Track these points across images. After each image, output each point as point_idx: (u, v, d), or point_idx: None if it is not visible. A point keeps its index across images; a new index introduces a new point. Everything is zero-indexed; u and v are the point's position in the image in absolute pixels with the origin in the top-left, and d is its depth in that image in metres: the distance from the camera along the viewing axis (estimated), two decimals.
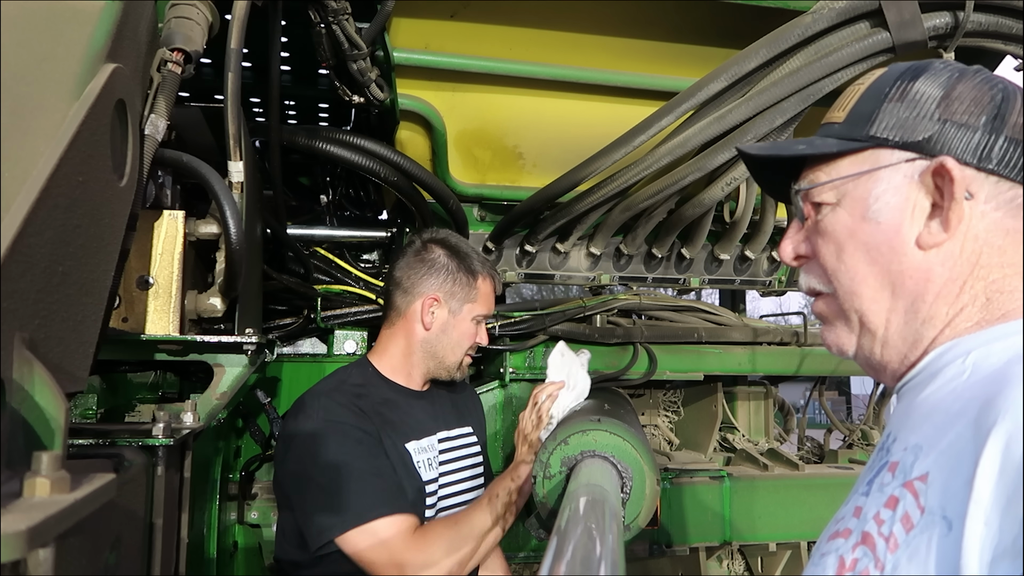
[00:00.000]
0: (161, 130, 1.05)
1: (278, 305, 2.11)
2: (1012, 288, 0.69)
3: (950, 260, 0.70)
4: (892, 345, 0.74)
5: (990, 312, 0.69)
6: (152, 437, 1.04)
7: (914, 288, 0.72)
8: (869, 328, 0.75)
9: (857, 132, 0.75)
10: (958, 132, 0.70)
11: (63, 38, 0.81)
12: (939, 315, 0.71)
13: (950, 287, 0.71)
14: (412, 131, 1.95)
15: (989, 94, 0.71)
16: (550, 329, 2.17)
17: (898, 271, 0.72)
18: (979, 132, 0.70)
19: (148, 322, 1.22)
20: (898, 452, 0.68)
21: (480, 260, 1.66)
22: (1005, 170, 0.69)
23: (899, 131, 0.72)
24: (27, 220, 0.65)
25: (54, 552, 0.54)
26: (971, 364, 0.67)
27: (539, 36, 1.85)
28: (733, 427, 2.51)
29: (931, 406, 0.68)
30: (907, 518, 0.62)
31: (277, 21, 1.56)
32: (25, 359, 0.65)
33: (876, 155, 0.74)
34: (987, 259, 0.70)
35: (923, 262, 0.71)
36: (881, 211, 0.73)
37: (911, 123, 0.72)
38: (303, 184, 2.83)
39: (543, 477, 1.35)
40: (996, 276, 0.70)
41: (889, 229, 0.73)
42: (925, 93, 0.72)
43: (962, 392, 0.65)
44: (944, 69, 0.74)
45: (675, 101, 1.65)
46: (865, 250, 0.74)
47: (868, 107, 0.75)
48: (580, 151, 1.82)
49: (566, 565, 0.82)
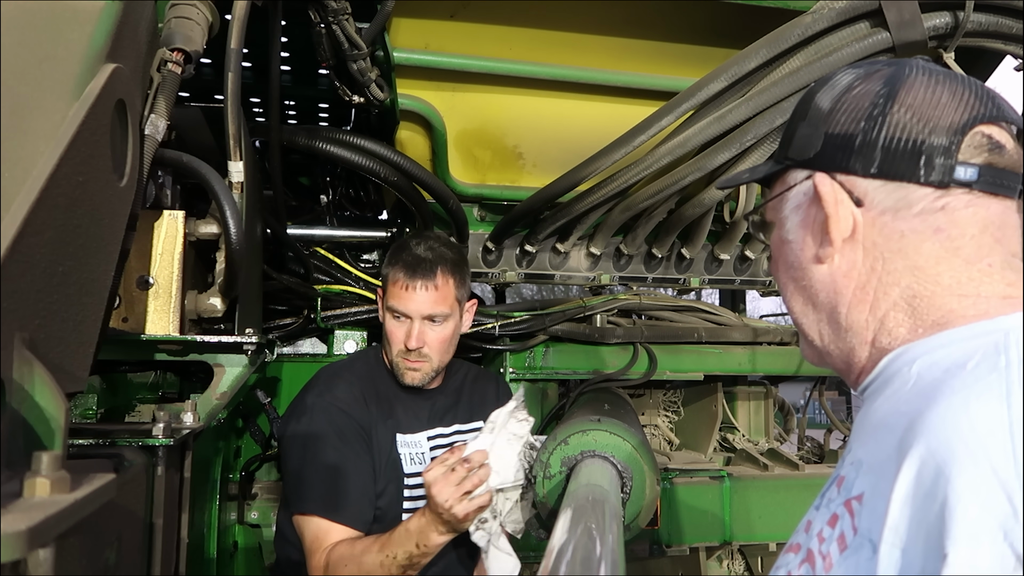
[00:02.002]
0: (161, 130, 1.05)
1: (278, 305, 2.11)
2: (929, 292, 0.66)
3: (853, 270, 0.70)
4: (833, 354, 0.75)
5: (919, 318, 0.67)
6: (152, 437, 1.04)
7: (827, 300, 0.73)
8: (808, 339, 0.77)
9: (780, 154, 0.78)
10: (839, 143, 0.70)
11: (63, 38, 0.81)
12: (859, 323, 0.71)
13: (859, 295, 0.70)
14: (412, 131, 1.95)
15: (871, 97, 0.69)
16: (550, 329, 2.17)
17: (809, 286, 0.74)
18: (858, 138, 0.68)
19: (148, 322, 1.22)
20: (846, 465, 0.66)
21: (408, 250, 1.59)
22: (890, 171, 0.67)
23: (800, 150, 0.74)
24: (27, 220, 0.65)
25: (54, 552, 0.54)
26: (916, 373, 0.64)
27: (539, 36, 1.85)
28: (733, 427, 2.51)
29: (879, 418, 0.66)
30: (842, 538, 0.61)
31: (277, 21, 1.56)
32: (25, 359, 0.65)
33: (788, 176, 0.77)
34: (890, 264, 0.68)
35: (826, 275, 0.72)
36: (791, 230, 0.76)
37: (807, 142, 0.73)
38: (303, 184, 2.83)
39: (543, 477, 1.35)
40: (908, 281, 0.67)
41: (797, 246, 0.75)
42: (818, 108, 0.73)
43: (901, 405, 0.62)
44: (843, 77, 0.73)
45: (675, 101, 1.65)
46: (786, 268, 0.77)
47: (790, 127, 0.77)
48: (580, 151, 1.82)
49: (566, 565, 0.82)
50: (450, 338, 1.61)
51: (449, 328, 1.60)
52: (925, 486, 0.52)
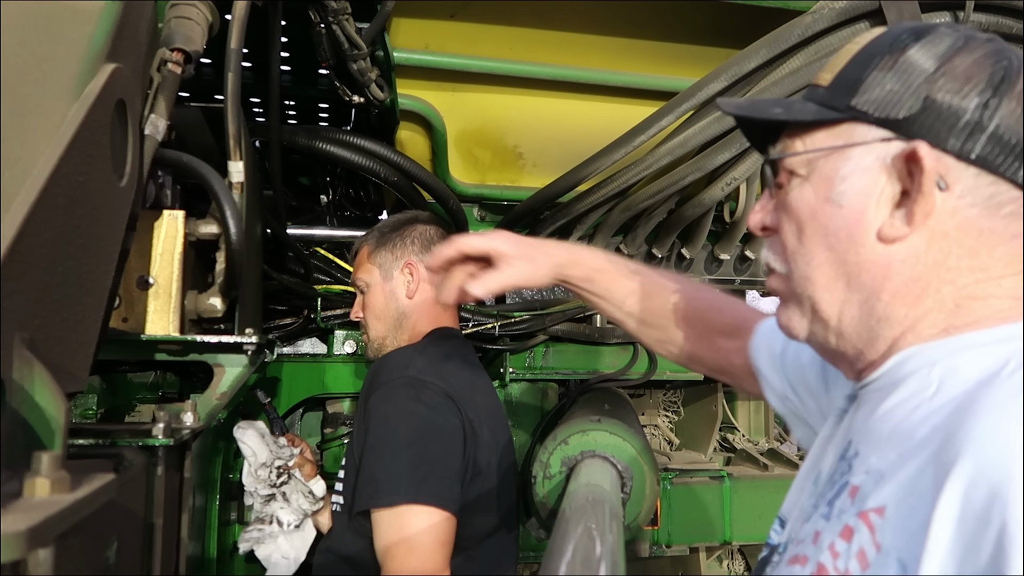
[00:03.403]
0: (161, 130, 1.05)
1: (278, 305, 2.10)
2: (985, 295, 0.61)
3: (913, 257, 0.63)
4: (847, 337, 0.68)
5: (959, 318, 0.62)
6: (152, 437, 1.04)
7: (871, 283, 0.65)
8: (821, 317, 0.69)
9: (839, 101, 0.67)
10: (942, 113, 0.61)
11: (63, 38, 0.81)
12: (896, 316, 0.64)
13: (910, 288, 0.63)
14: (412, 131, 1.95)
15: (988, 70, 0.61)
16: (550, 329, 2.17)
17: (855, 263, 0.65)
18: (967, 115, 0.60)
19: (148, 322, 1.22)
20: (859, 473, 0.62)
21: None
22: (991, 162, 0.60)
23: (880, 106, 0.64)
24: (27, 220, 0.65)
25: (54, 552, 0.54)
26: (937, 379, 0.59)
27: (539, 36, 1.85)
28: (733, 427, 2.51)
29: (894, 424, 0.61)
30: (862, 554, 0.57)
31: (277, 21, 1.56)
32: (25, 359, 0.65)
33: (852, 130, 0.66)
34: (956, 260, 0.62)
35: (882, 256, 0.64)
36: (845, 193, 0.65)
37: (894, 98, 0.63)
38: (303, 184, 2.83)
39: (543, 477, 1.35)
40: (967, 281, 0.62)
41: (850, 215, 0.65)
42: (916, 63, 0.63)
43: (928, 415, 0.58)
44: (948, 35, 0.64)
45: (675, 101, 1.65)
46: (823, 234, 0.67)
47: (855, 73, 0.66)
48: (580, 151, 1.82)
49: (566, 565, 0.82)
50: (377, 314, 1.62)
51: (372, 299, 1.63)
52: (975, 509, 0.48)
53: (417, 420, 1.35)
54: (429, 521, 1.28)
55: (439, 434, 1.35)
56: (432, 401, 1.37)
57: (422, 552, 1.26)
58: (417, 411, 1.35)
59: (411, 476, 1.30)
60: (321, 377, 2.07)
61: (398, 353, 1.52)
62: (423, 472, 1.31)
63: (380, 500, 1.30)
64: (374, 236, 1.68)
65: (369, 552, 1.35)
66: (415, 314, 1.61)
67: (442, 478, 1.32)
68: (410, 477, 1.30)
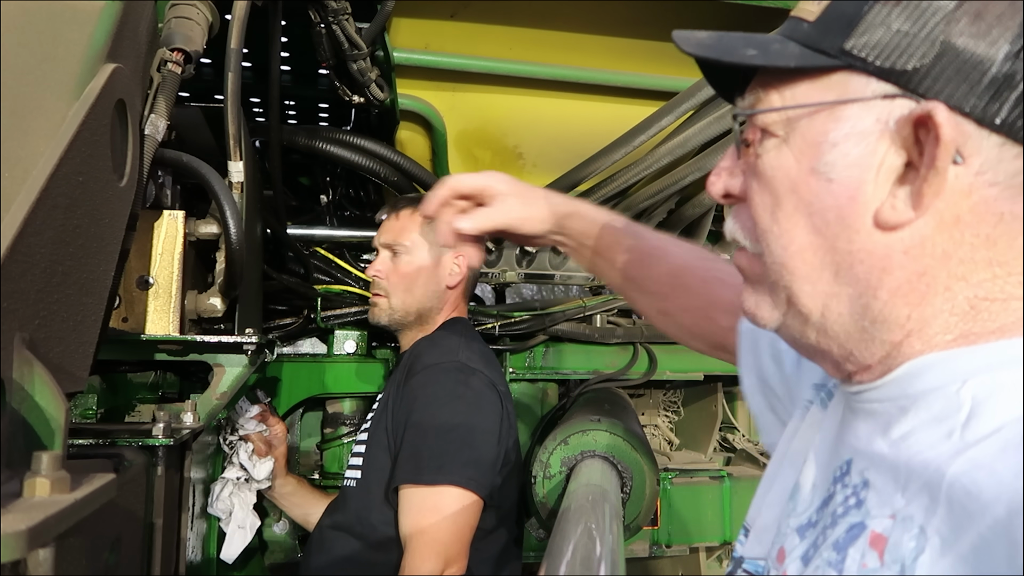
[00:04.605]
0: (161, 130, 1.05)
1: (278, 305, 2.11)
2: (1005, 295, 0.49)
3: (918, 247, 0.50)
4: (832, 336, 0.55)
5: (978, 324, 0.50)
6: (152, 437, 1.05)
7: (865, 277, 0.52)
8: (799, 310, 0.55)
9: (829, 42, 0.51)
10: (963, 63, 0.47)
11: (63, 38, 0.81)
12: (896, 318, 0.52)
13: (915, 284, 0.50)
14: (412, 131, 1.96)
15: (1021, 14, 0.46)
16: (550, 329, 2.17)
17: (846, 251, 0.52)
18: (994, 67, 0.46)
19: (148, 322, 1.22)
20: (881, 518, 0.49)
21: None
22: (1020, 129, 0.46)
23: (884, 51, 0.49)
24: (27, 220, 0.65)
25: (54, 552, 0.54)
26: (970, 400, 0.48)
27: (539, 36, 1.85)
28: (733, 427, 2.51)
29: (924, 458, 0.48)
30: None
31: (277, 21, 1.56)
32: (25, 359, 0.65)
33: (846, 81, 0.51)
34: (970, 252, 0.49)
35: (881, 245, 0.51)
36: (835, 164, 0.51)
37: (903, 41, 0.48)
38: (303, 184, 2.82)
39: (543, 477, 1.35)
40: (983, 277, 0.49)
41: (842, 192, 0.51)
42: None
43: (974, 457, 0.45)
44: None
45: (675, 101, 1.65)
46: (807, 214, 0.53)
47: (852, 5, 0.51)
48: (580, 151, 1.82)
49: (566, 565, 0.82)
50: (411, 276, 1.59)
51: (410, 269, 1.60)
52: None
53: (465, 405, 1.38)
54: (465, 504, 1.31)
55: (484, 422, 1.39)
56: (479, 388, 1.41)
57: (453, 534, 1.29)
58: (465, 396, 1.39)
59: (455, 458, 1.33)
60: (321, 377, 2.07)
61: (443, 340, 1.54)
62: (467, 456, 1.33)
63: (424, 477, 1.32)
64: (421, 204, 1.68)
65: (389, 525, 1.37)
66: (447, 304, 1.63)
67: (482, 465, 1.35)
68: (455, 459, 1.32)
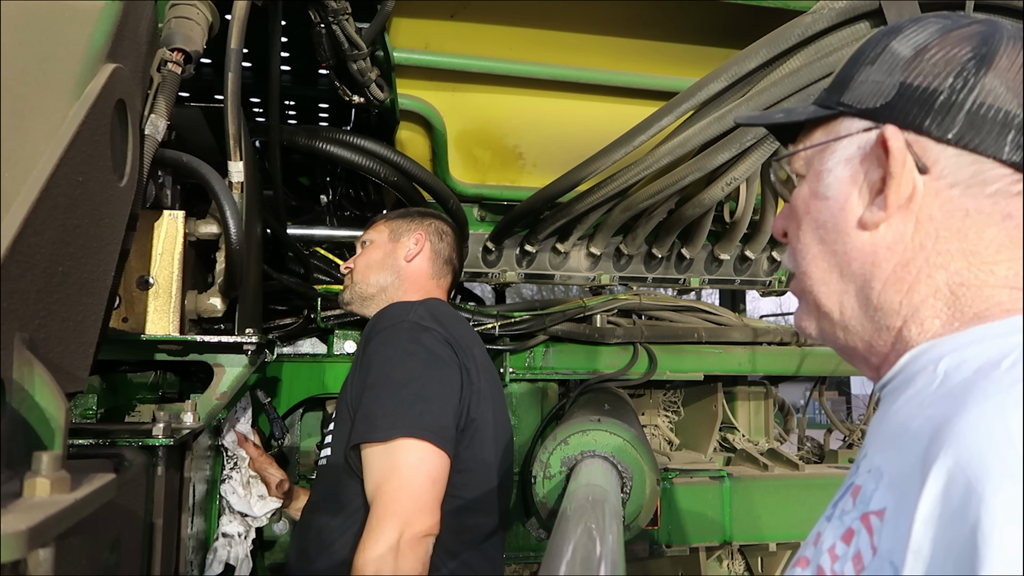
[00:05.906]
0: (161, 130, 1.05)
1: (278, 305, 2.11)
2: (979, 282, 0.59)
3: (899, 243, 0.62)
4: (852, 330, 0.67)
5: (959, 310, 0.60)
6: (152, 437, 1.04)
7: (861, 271, 0.65)
8: (824, 311, 0.69)
9: (832, 99, 0.69)
10: (916, 96, 0.61)
11: (63, 38, 0.81)
12: (891, 304, 0.63)
13: (901, 274, 0.62)
14: (412, 131, 1.96)
15: (967, 49, 0.61)
16: (550, 329, 2.17)
17: (843, 252, 0.66)
18: (942, 96, 0.60)
19: (148, 322, 1.22)
20: (863, 473, 0.60)
21: None
22: (970, 141, 0.59)
23: (863, 97, 0.66)
24: (27, 220, 0.65)
25: (54, 552, 0.54)
26: (942, 372, 0.57)
27: (539, 36, 1.85)
28: (733, 427, 2.51)
29: (899, 422, 0.58)
30: (859, 557, 0.54)
31: (277, 21, 1.56)
32: (25, 359, 0.65)
33: (839, 124, 0.68)
34: (944, 244, 0.61)
35: (868, 244, 0.64)
36: (831, 186, 0.67)
37: (875, 88, 0.65)
38: (303, 184, 2.83)
39: (543, 477, 1.35)
40: (958, 266, 0.60)
41: (835, 206, 0.67)
42: (896, 53, 0.64)
43: (924, 408, 0.55)
44: (934, 23, 0.65)
45: (675, 101, 1.65)
46: (815, 228, 0.69)
47: (848, 71, 0.68)
48: (580, 151, 1.82)
49: (566, 565, 0.82)
50: (371, 263, 1.65)
51: (371, 252, 1.66)
52: (953, 504, 0.45)
53: (417, 361, 1.37)
54: (422, 456, 1.29)
55: (438, 375, 1.38)
56: (432, 344, 1.40)
57: (414, 487, 1.26)
58: (417, 352, 1.38)
59: (408, 412, 1.31)
60: (321, 377, 2.07)
61: (399, 304, 1.53)
62: (419, 408, 1.32)
63: (376, 434, 1.30)
64: (395, 212, 1.75)
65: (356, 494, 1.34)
66: (408, 280, 1.63)
67: (438, 415, 1.33)
68: (407, 412, 1.31)
